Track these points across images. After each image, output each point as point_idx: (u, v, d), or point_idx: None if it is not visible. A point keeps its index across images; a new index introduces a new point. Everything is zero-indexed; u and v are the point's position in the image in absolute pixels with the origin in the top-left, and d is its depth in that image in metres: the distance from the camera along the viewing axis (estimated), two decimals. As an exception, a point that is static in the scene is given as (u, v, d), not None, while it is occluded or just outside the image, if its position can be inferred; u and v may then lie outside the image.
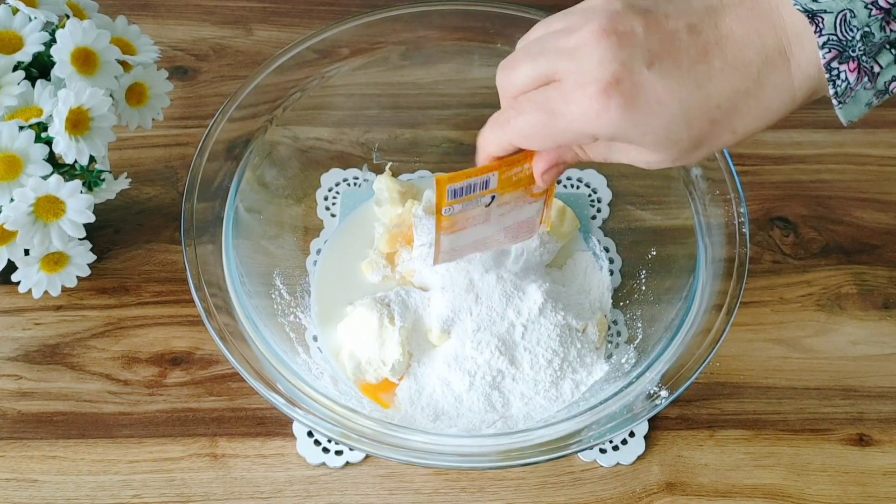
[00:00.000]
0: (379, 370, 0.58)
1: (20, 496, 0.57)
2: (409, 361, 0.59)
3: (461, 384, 0.57)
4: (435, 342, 0.59)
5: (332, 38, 0.65)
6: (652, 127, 0.44)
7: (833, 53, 0.42)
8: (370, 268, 0.63)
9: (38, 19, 0.57)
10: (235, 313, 0.55)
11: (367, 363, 0.58)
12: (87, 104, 0.55)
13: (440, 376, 0.58)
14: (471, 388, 0.57)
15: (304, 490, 0.58)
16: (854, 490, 0.59)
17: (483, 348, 0.57)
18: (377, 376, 0.58)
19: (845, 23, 0.41)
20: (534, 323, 0.58)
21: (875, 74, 0.42)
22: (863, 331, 0.66)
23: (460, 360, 0.57)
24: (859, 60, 0.42)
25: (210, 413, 0.60)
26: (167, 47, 0.76)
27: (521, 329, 0.58)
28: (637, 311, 0.62)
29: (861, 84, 0.42)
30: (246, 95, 0.62)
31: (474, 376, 0.57)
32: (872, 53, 0.42)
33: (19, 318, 0.63)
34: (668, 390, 0.52)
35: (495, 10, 0.66)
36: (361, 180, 0.68)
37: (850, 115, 0.44)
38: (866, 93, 0.43)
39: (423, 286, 0.61)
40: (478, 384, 0.57)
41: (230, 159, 0.60)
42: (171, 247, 0.67)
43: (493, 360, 0.57)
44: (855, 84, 0.42)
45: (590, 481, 0.59)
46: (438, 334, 0.58)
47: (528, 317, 0.58)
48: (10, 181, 0.54)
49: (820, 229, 0.71)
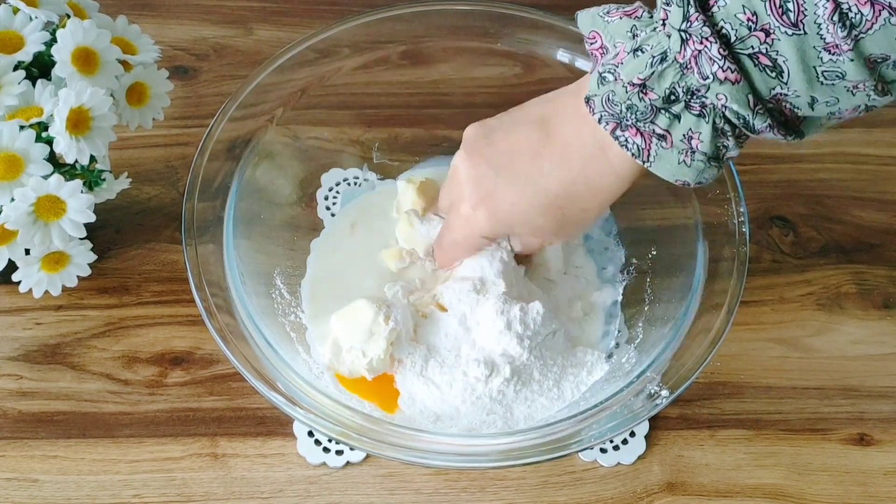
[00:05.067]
0: (356, 362, 0.57)
1: (20, 496, 0.57)
2: (395, 368, 0.58)
3: (461, 397, 0.57)
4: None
5: (332, 38, 0.65)
6: (516, 222, 0.56)
7: (612, 125, 0.49)
8: (392, 257, 0.63)
9: (38, 19, 0.57)
10: (236, 313, 0.55)
11: (347, 351, 0.58)
12: (87, 104, 0.55)
13: (439, 386, 0.57)
14: (473, 403, 0.57)
15: (305, 490, 0.58)
16: (854, 490, 0.59)
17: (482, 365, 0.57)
18: (352, 369, 0.58)
19: (609, 101, 0.49)
20: (535, 335, 0.58)
21: (663, 135, 0.48)
22: (863, 330, 0.66)
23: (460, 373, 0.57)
24: (636, 127, 0.49)
25: (210, 413, 0.60)
26: (167, 47, 0.76)
27: (525, 343, 0.58)
28: (637, 310, 0.62)
29: (656, 144, 0.49)
30: (246, 95, 0.62)
31: (475, 391, 0.57)
32: (648, 119, 0.48)
33: (20, 318, 0.63)
34: (668, 390, 0.52)
35: (495, 10, 0.66)
36: (361, 180, 0.68)
37: (663, 171, 0.49)
38: (668, 151, 0.48)
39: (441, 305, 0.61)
40: (481, 396, 0.57)
41: (230, 159, 0.60)
42: (172, 246, 0.67)
43: (494, 379, 0.57)
44: (645, 145, 0.49)
45: (590, 481, 0.59)
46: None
47: (532, 328, 0.58)
48: (11, 181, 0.54)
49: (819, 228, 0.71)
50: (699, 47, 0.44)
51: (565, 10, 0.66)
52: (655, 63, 0.46)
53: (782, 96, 0.45)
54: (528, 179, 0.54)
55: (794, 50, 0.42)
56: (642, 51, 0.47)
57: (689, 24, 0.44)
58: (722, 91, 0.45)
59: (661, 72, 0.46)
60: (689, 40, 0.44)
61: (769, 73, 0.44)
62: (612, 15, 0.49)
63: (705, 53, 0.44)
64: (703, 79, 0.45)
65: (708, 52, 0.44)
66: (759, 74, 0.44)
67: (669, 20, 0.45)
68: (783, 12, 0.42)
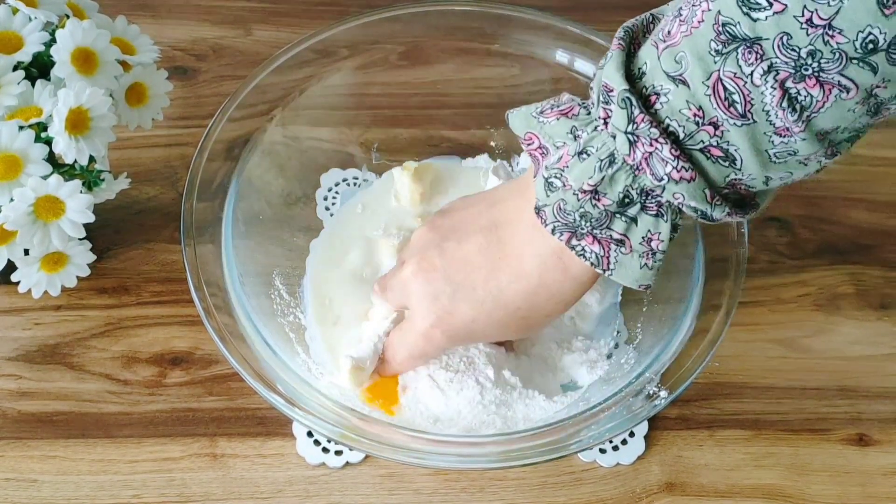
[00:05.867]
0: (349, 346, 0.58)
1: (20, 496, 0.56)
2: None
3: (467, 401, 0.57)
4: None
5: (332, 38, 0.65)
6: (477, 335, 0.55)
7: (566, 235, 0.48)
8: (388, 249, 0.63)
9: (37, 19, 0.57)
10: (235, 313, 0.55)
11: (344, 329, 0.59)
12: (86, 104, 0.55)
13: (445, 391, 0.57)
14: (476, 406, 0.57)
15: (304, 490, 0.58)
16: (854, 490, 0.59)
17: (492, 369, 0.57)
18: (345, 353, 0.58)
19: (561, 210, 0.47)
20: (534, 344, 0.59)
21: (621, 240, 0.47)
22: (860, 331, 0.66)
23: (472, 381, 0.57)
24: (593, 234, 0.47)
25: (210, 413, 0.60)
26: (167, 47, 0.76)
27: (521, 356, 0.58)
28: (636, 311, 0.62)
29: (615, 251, 0.47)
30: (246, 95, 0.62)
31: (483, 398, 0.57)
32: (603, 225, 0.46)
33: (19, 318, 0.63)
34: (667, 390, 0.52)
35: (494, 10, 0.66)
36: (361, 180, 0.68)
37: (626, 278, 0.48)
38: (628, 257, 0.47)
39: None
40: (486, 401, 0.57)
41: (230, 159, 0.60)
42: (171, 247, 0.67)
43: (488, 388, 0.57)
44: (604, 253, 0.47)
45: (590, 481, 0.59)
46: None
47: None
48: (10, 181, 0.54)
49: (814, 229, 0.71)
50: (649, 149, 0.43)
51: (565, 11, 0.67)
52: (605, 167, 0.45)
53: (737, 181, 0.44)
54: (489, 295, 0.52)
55: (746, 139, 0.42)
56: (587, 153, 0.45)
57: (636, 126, 0.43)
58: (678, 190, 0.44)
59: (611, 175, 0.45)
60: (638, 142, 0.43)
61: (722, 164, 0.43)
62: (546, 115, 0.48)
63: (657, 155, 0.43)
64: (658, 180, 0.44)
65: (659, 153, 0.43)
66: (713, 166, 0.43)
67: (613, 121, 0.44)
68: (729, 104, 0.41)
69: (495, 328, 0.54)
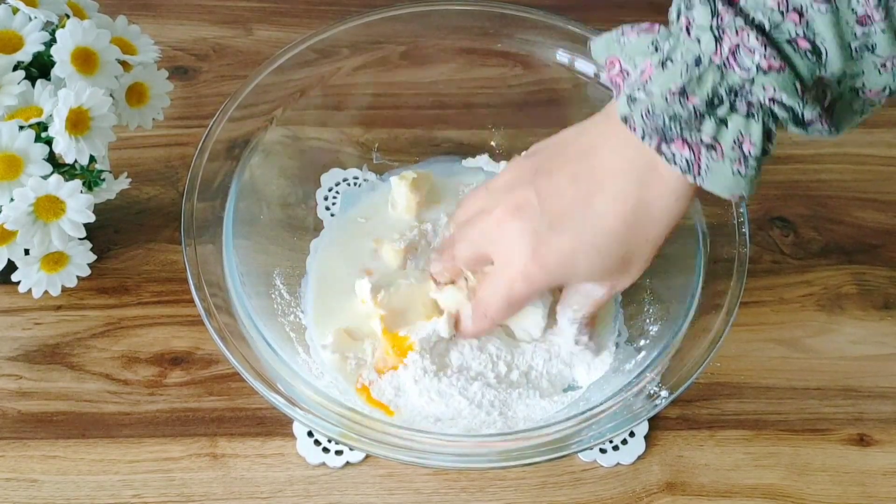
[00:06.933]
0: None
1: (20, 496, 0.57)
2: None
3: (467, 403, 0.57)
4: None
5: (332, 38, 0.65)
6: (579, 270, 0.52)
7: (656, 139, 0.46)
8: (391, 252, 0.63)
9: (38, 19, 0.57)
10: (235, 313, 0.55)
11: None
12: (87, 104, 0.55)
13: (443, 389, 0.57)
14: (473, 405, 0.57)
15: (304, 490, 0.58)
16: (854, 490, 0.59)
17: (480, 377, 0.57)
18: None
19: (650, 113, 0.45)
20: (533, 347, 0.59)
21: (711, 145, 0.45)
22: (863, 331, 0.66)
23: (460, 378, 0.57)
24: (682, 138, 0.45)
25: (210, 413, 0.60)
26: (167, 47, 0.76)
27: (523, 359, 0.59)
28: (637, 311, 0.62)
29: (706, 156, 0.45)
30: (246, 95, 0.62)
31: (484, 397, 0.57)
32: (692, 127, 0.45)
33: (19, 318, 0.63)
34: (668, 390, 0.52)
35: (495, 10, 0.66)
36: (361, 180, 0.68)
37: (717, 186, 0.46)
38: (719, 163, 0.45)
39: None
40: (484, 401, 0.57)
41: (230, 159, 0.60)
42: (171, 247, 0.67)
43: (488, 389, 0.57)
44: (694, 158, 0.45)
45: (590, 481, 0.59)
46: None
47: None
48: (10, 181, 0.54)
49: (819, 229, 0.71)
50: (735, 40, 0.42)
51: (565, 11, 0.66)
52: (690, 69, 0.44)
53: (823, 80, 0.43)
54: (586, 223, 0.51)
55: (830, 28, 0.41)
56: (672, 61, 0.44)
57: (721, 20, 0.42)
58: (768, 81, 0.43)
59: (698, 76, 0.44)
60: (724, 36, 0.42)
61: (809, 58, 0.42)
62: (627, 35, 0.47)
63: (743, 45, 0.42)
64: (746, 72, 0.43)
65: (746, 43, 0.42)
66: (801, 60, 0.43)
67: (696, 22, 0.43)
68: None
69: (596, 260, 0.52)
